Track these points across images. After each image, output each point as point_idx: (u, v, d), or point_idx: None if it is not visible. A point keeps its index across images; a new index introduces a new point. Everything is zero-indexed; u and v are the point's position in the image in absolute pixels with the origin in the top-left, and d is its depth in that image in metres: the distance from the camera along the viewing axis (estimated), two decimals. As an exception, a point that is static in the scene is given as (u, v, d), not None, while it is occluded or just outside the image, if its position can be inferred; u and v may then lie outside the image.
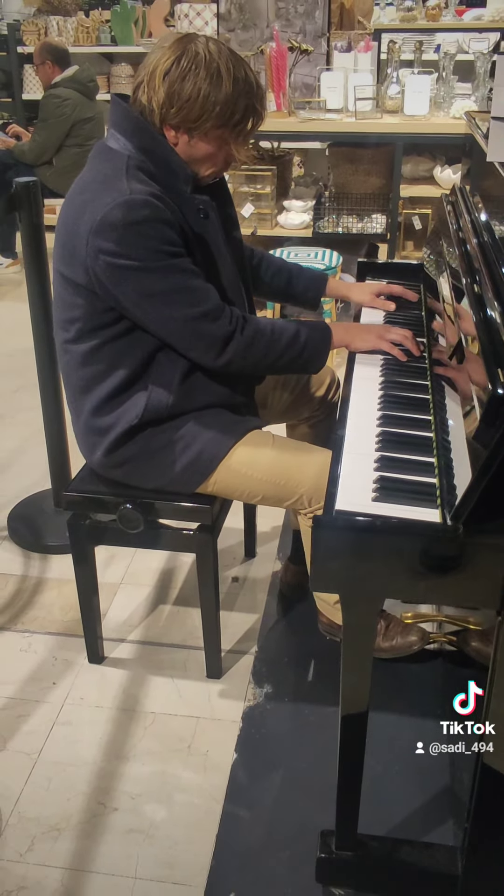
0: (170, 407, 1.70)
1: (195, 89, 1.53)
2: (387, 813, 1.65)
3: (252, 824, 1.67)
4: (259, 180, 3.93)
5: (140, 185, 1.55)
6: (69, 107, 4.62)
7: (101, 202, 1.53)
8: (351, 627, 1.32)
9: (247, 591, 2.35)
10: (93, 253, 1.54)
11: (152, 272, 1.55)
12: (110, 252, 1.53)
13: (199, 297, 1.61)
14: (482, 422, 1.10)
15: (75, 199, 1.61)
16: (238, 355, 1.66)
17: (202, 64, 1.52)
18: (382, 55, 4.06)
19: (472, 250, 1.58)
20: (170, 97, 1.54)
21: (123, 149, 1.60)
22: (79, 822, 1.69)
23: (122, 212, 1.51)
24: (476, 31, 4.58)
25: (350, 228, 3.88)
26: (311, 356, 1.74)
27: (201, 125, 1.57)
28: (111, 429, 1.71)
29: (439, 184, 3.91)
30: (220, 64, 1.53)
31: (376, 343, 1.77)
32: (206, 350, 1.65)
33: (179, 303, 1.59)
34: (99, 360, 1.68)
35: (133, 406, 1.69)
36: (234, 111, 1.56)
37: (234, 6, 4.04)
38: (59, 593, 2.35)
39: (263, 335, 1.68)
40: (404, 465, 1.36)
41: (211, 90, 1.53)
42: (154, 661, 2.10)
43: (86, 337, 1.67)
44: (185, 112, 1.55)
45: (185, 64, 1.52)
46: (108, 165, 1.59)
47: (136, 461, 1.74)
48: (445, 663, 2.02)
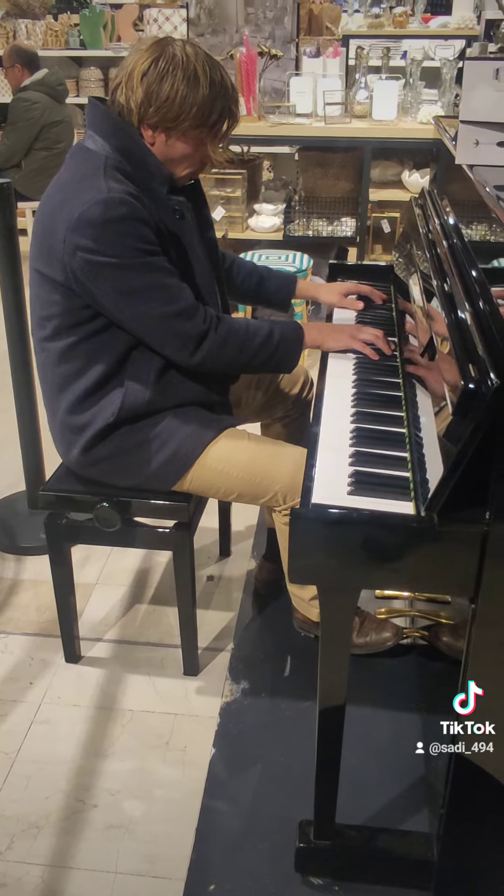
0: (146, 404, 1.71)
1: (173, 90, 1.56)
2: (364, 803, 1.68)
3: (231, 817, 1.69)
4: (229, 184, 3.96)
5: (117, 185, 1.57)
6: (38, 110, 4.61)
7: (79, 200, 1.55)
8: (328, 620, 1.34)
9: (222, 590, 2.37)
10: (70, 250, 1.56)
11: (129, 269, 1.58)
12: (88, 249, 1.55)
13: (175, 295, 1.63)
14: (454, 415, 1.14)
15: (53, 197, 1.62)
16: (212, 353, 1.68)
17: (180, 65, 1.56)
18: (351, 61, 4.11)
19: (441, 252, 1.62)
20: (148, 97, 1.57)
21: (101, 149, 1.62)
22: (58, 820, 1.69)
23: (101, 209, 1.53)
24: (442, 38, 4.66)
25: (320, 232, 3.92)
26: (283, 356, 1.77)
27: (179, 125, 1.59)
28: (88, 426, 1.72)
29: (407, 188, 3.96)
30: (196, 66, 1.56)
31: (348, 343, 1.80)
32: (180, 348, 1.67)
33: (155, 300, 1.61)
34: (75, 356, 1.69)
35: (109, 403, 1.71)
36: (211, 112, 1.59)
37: (204, 11, 4.07)
38: (34, 594, 2.35)
39: (237, 334, 1.70)
40: (378, 460, 1.39)
41: (188, 91, 1.56)
42: (131, 660, 2.11)
43: (63, 334, 1.68)
44: (163, 112, 1.58)
45: (163, 65, 1.56)
46: (86, 165, 1.61)
47: (113, 459, 1.76)
48: (418, 657, 2.05)
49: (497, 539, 1.17)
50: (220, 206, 3.95)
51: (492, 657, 1.28)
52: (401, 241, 2.53)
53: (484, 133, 1.45)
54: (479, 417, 1.10)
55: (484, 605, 1.22)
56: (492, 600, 1.22)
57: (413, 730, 1.86)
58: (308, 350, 2.00)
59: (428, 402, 1.46)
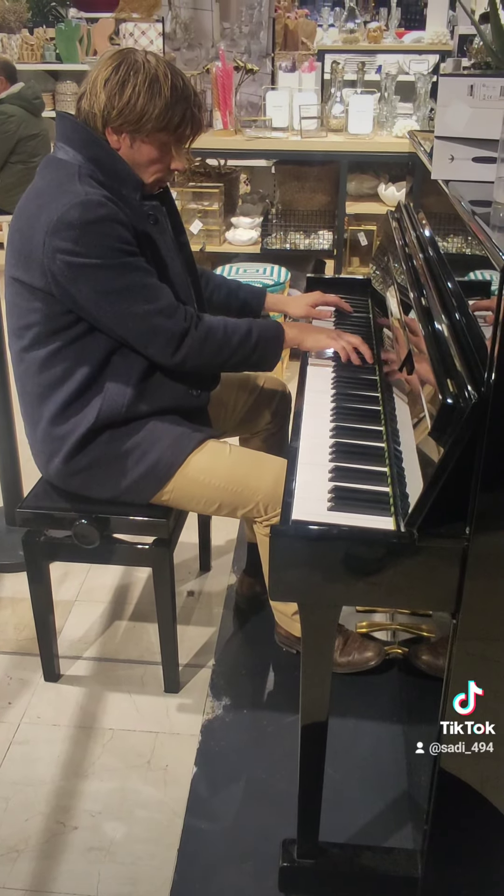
0: (126, 407, 1.71)
1: (135, 92, 1.59)
2: (348, 820, 1.67)
3: (214, 837, 1.67)
4: (206, 197, 3.96)
5: (93, 189, 1.59)
6: (14, 123, 4.61)
7: (57, 203, 1.56)
8: (310, 636, 1.34)
9: (203, 605, 2.36)
10: (50, 253, 1.57)
11: (109, 269, 1.59)
12: (68, 251, 1.56)
13: (155, 294, 1.65)
14: (433, 430, 1.13)
15: (29, 205, 1.63)
16: (193, 350, 1.69)
17: (140, 70, 1.59)
18: (326, 75, 4.14)
19: (418, 265, 1.63)
20: (110, 100, 1.60)
21: (73, 159, 1.64)
22: (38, 843, 1.67)
23: (79, 211, 1.54)
24: (416, 53, 4.71)
25: (297, 245, 3.93)
26: (264, 353, 1.78)
27: (142, 127, 1.62)
28: (69, 435, 1.72)
29: (383, 201, 3.98)
30: (158, 71, 1.60)
31: (327, 343, 1.82)
32: (163, 346, 1.67)
33: (136, 299, 1.62)
34: (56, 364, 1.69)
35: (90, 410, 1.71)
36: (174, 115, 1.61)
37: (180, 25, 4.08)
38: (12, 612, 2.32)
39: (217, 331, 1.71)
40: (358, 475, 1.39)
41: (150, 94, 1.59)
42: (111, 678, 2.09)
43: (43, 342, 1.68)
44: (126, 114, 1.60)
45: (124, 71, 1.59)
46: (61, 173, 1.63)
47: (94, 468, 1.75)
48: (400, 672, 2.05)
49: (477, 554, 1.17)
50: (197, 220, 3.95)
51: (473, 672, 1.27)
52: (378, 254, 2.54)
53: (459, 149, 1.45)
54: (457, 432, 1.10)
55: (465, 620, 1.22)
56: (473, 615, 1.22)
57: (396, 745, 1.85)
58: (286, 363, 2.00)
59: (407, 415, 1.46)
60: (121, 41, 3.99)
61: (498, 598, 1.21)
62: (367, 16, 6.04)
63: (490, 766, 1.35)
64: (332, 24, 5.24)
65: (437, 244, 1.72)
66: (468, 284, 1.45)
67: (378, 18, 5.22)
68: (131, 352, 1.70)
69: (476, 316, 1.34)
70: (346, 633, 2.02)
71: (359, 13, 4.98)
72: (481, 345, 1.22)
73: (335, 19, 5.37)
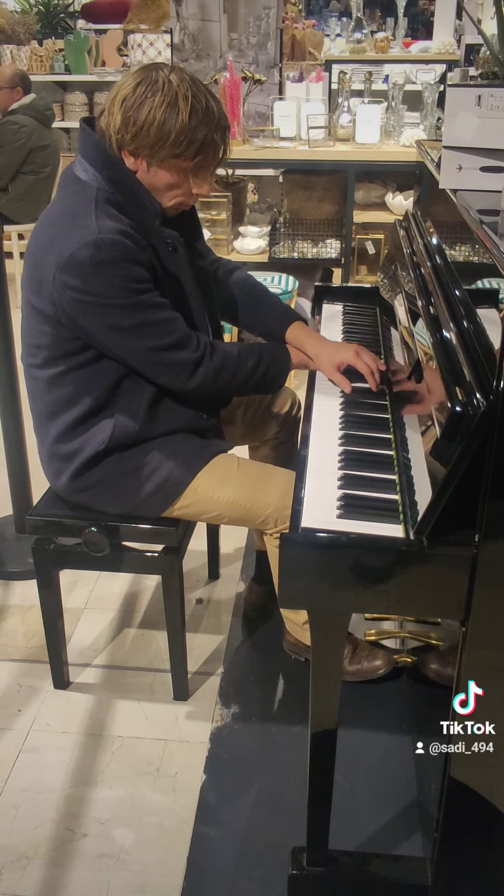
0: (136, 433, 1.71)
1: (150, 115, 1.51)
2: (357, 827, 1.67)
3: (223, 844, 1.67)
4: (214, 207, 3.98)
5: (109, 222, 1.54)
6: (25, 133, 4.64)
7: (69, 239, 1.53)
8: (320, 645, 1.34)
9: (211, 613, 2.36)
10: (60, 288, 1.56)
11: (119, 308, 1.57)
12: (77, 289, 1.54)
13: (168, 329, 1.62)
14: (442, 438, 1.14)
15: (45, 232, 1.61)
16: (208, 378, 1.68)
17: (160, 91, 1.51)
18: (333, 85, 4.16)
19: (426, 273, 1.64)
20: (125, 122, 1.53)
21: (92, 180, 1.59)
22: (47, 850, 1.67)
23: (90, 251, 1.51)
24: (423, 63, 4.73)
25: (305, 253, 3.95)
26: (274, 376, 1.78)
27: (157, 153, 1.55)
28: (77, 454, 1.72)
29: (391, 210, 4.00)
30: (178, 92, 1.52)
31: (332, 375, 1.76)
32: (175, 376, 1.67)
33: (147, 336, 1.61)
34: (65, 385, 1.69)
35: (99, 432, 1.70)
36: (192, 141, 1.53)
37: (188, 37, 4.10)
38: (22, 619, 2.33)
39: (231, 359, 1.71)
40: (367, 483, 1.40)
41: (166, 117, 1.51)
42: (120, 685, 2.09)
43: (52, 363, 1.68)
44: (140, 138, 1.54)
45: (143, 90, 1.52)
46: (78, 199, 1.58)
47: (102, 486, 1.75)
48: (409, 680, 2.04)
49: (486, 561, 1.17)
50: (205, 229, 3.96)
51: (483, 680, 1.27)
52: (385, 263, 2.55)
53: (466, 158, 1.46)
54: (466, 440, 1.11)
55: (475, 628, 1.22)
56: (482, 622, 1.22)
57: (405, 754, 1.85)
58: (295, 371, 2.00)
59: (415, 423, 1.46)
60: (129, 52, 4.02)
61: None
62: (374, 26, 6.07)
63: (499, 774, 1.35)
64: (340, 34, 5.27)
65: (444, 252, 1.72)
66: (476, 293, 1.46)
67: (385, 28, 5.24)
68: (141, 377, 1.69)
69: (484, 324, 1.34)
70: (355, 641, 2.02)
71: (366, 23, 5.01)
72: (490, 353, 1.23)
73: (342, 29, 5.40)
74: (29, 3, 6.79)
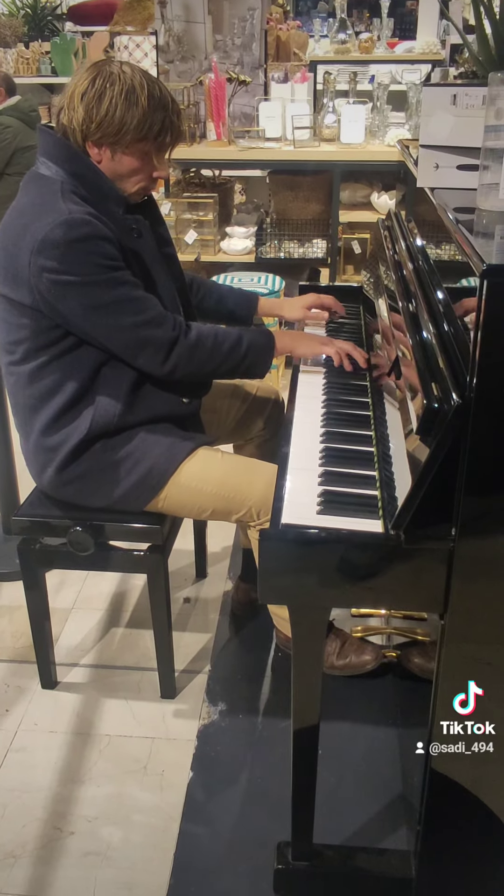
0: (117, 418, 1.73)
1: (112, 104, 1.60)
2: (341, 822, 1.68)
3: (210, 841, 1.69)
4: (201, 207, 3.99)
5: (77, 206, 1.60)
6: (10, 134, 4.64)
7: (41, 223, 1.57)
8: (300, 639, 1.35)
9: (199, 612, 2.37)
10: (36, 272, 1.58)
11: (95, 286, 1.60)
12: (53, 269, 1.58)
13: (143, 305, 1.66)
14: (418, 433, 1.15)
15: (13, 223, 1.65)
16: (183, 359, 1.70)
17: (116, 81, 1.60)
18: (318, 86, 4.17)
19: (407, 274, 1.65)
20: (88, 114, 1.61)
21: (56, 175, 1.65)
22: (35, 849, 1.68)
23: (63, 230, 1.56)
24: (408, 63, 4.74)
25: (292, 253, 3.96)
26: (254, 360, 1.79)
27: (122, 139, 1.63)
28: (61, 445, 1.73)
29: (376, 209, 4.01)
30: (133, 81, 1.61)
31: (320, 349, 1.84)
32: (152, 355, 1.69)
33: (124, 312, 1.64)
34: (46, 376, 1.71)
35: (82, 421, 1.72)
36: (153, 123, 1.63)
37: (173, 38, 4.11)
38: (9, 620, 2.33)
39: (207, 339, 1.73)
40: (347, 479, 1.41)
41: (127, 105, 1.60)
42: (108, 684, 2.10)
43: (31, 356, 1.70)
44: (104, 127, 1.61)
45: (100, 83, 1.60)
46: (44, 190, 1.64)
47: (87, 478, 1.76)
48: (394, 676, 2.06)
49: (463, 555, 1.18)
50: (192, 230, 3.97)
51: (462, 673, 1.29)
52: (370, 262, 2.56)
53: (443, 157, 1.48)
54: (441, 434, 1.12)
55: (453, 621, 1.24)
56: (460, 615, 1.23)
57: (389, 747, 1.87)
58: (281, 371, 2.01)
59: (396, 420, 1.47)
60: (115, 54, 4.03)
61: (484, 599, 1.23)
62: (363, 26, 6.08)
63: (483, 767, 1.36)
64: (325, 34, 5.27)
65: (426, 252, 1.74)
66: (455, 291, 1.47)
67: (371, 29, 5.25)
68: (121, 363, 1.71)
69: (462, 322, 1.36)
70: (343, 636, 2.03)
71: (353, 24, 5.02)
72: (466, 351, 1.24)
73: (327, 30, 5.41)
74: (16, 5, 6.79)
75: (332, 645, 1.99)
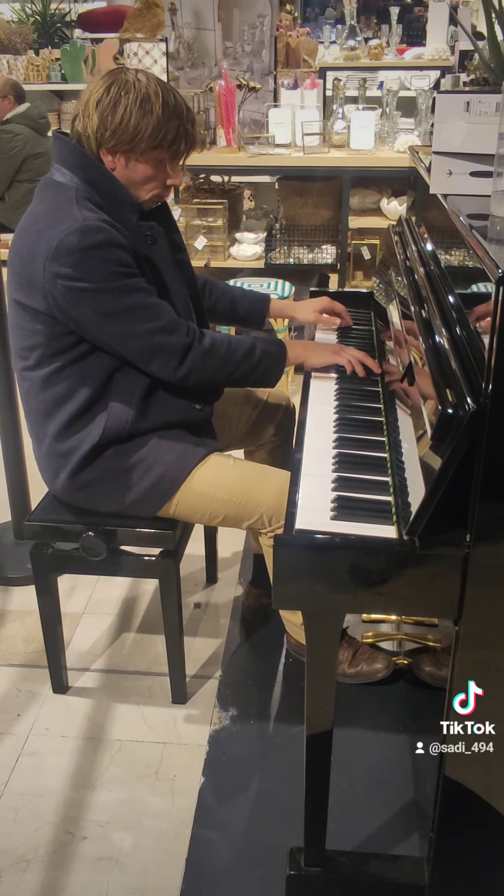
0: (130, 424, 1.73)
1: (127, 112, 1.61)
2: (354, 828, 1.68)
3: (221, 846, 1.68)
4: (211, 213, 4.01)
5: (91, 213, 1.61)
6: (20, 142, 4.67)
7: (56, 230, 1.58)
8: (314, 645, 1.35)
9: (209, 617, 2.37)
10: (51, 278, 1.59)
11: (109, 293, 1.61)
12: (68, 276, 1.58)
13: (157, 312, 1.67)
14: (432, 439, 1.16)
15: (29, 230, 1.65)
16: (197, 365, 1.71)
17: (132, 90, 1.61)
18: (328, 92, 4.18)
19: (419, 278, 1.65)
20: (103, 122, 1.62)
21: (70, 181, 1.66)
22: (47, 853, 1.68)
23: (78, 237, 1.57)
24: (417, 69, 4.75)
25: (301, 259, 3.97)
26: (267, 368, 1.80)
27: (136, 146, 1.64)
28: (74, 451, 1.74)
29: (386, 215, 4.02)
30: (148, 89, 1.62)
31: (332, 358, 1.85)
32: (166, 362, 1.70)
33: (138, 319, 1.65)
34: (59, 382, 1.71)
35: (95, 427, 1.73)
36: (167, 131, 1.63)
37: (183, 45, 4.14)
38: (21, 625, 2.34)
39: (220, 346, 1.74)
40: (361, 485, 1.41)
41: (142, 113, 1.61)
42: (119, 689, 2.10)
43: (45, 362, 1.71)
44: (119, 135, 1.62)
45: (115, 91, 1.61)
46: (59, 197, 1.65)
47: (100, 483, 1.77)
48: (405, 682, 2.05)
49: (478, 561, 1.18)
50: (201, 236, 3.99)
51: (476, 679, 1.29)
52: (380, 268, 2.57)
53: (456, 163, 1.48)
54: (456, 441, 1.12)
55: (467, 627, 1.24)
56: (475, 622, 1.23)
57: (401, 755, 1.86)
58: (291, 376, 2.02)
59: (409, 426, 1.48)
60: (125, 61, 4.05)
61: (499, 605, 1.23)
62: (370, 33, 6.11)
63: (495, 774, 1.36)
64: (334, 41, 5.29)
65: (437, 257, 1.74)
66: (468, 297, 1.48)
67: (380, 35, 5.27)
68: (134, 370, 1.72)
69: (476, 328, 1.36)
70: (355, 644, 2.03)
71: (361, 31, 5.03)
72: (480, 356, 1.24)
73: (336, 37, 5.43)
74: (25, 13, 6.83)
75: (344, 653, 1.99)
